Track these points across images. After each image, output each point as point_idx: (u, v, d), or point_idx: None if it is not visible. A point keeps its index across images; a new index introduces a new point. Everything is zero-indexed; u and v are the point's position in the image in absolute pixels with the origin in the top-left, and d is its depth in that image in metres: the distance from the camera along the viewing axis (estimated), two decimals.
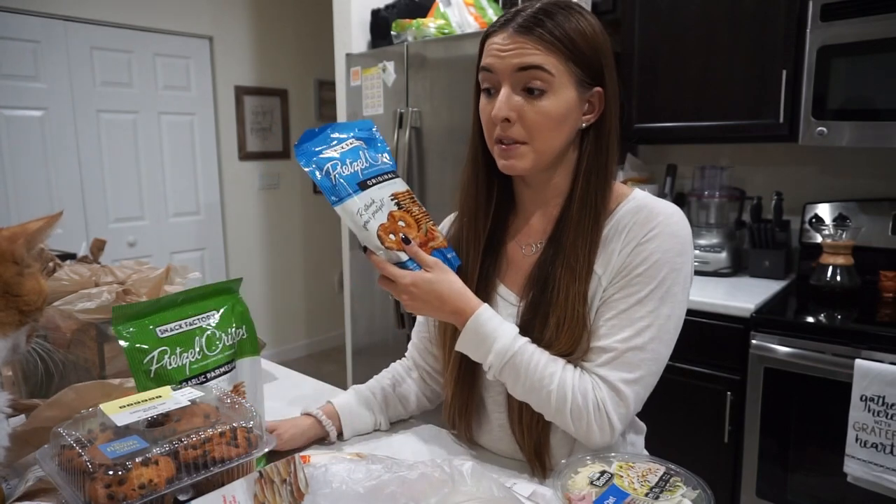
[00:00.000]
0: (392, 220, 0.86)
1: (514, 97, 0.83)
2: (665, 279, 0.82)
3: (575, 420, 0.81)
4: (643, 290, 0.82)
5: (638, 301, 0.82)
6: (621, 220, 0.86)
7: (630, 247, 0.84)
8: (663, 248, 0.82)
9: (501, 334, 0.84)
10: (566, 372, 0.83)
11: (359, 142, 0.90)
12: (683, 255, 0.84)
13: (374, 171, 0.88)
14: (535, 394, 0.83)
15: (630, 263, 0.83)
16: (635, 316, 0.82)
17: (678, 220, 0.85)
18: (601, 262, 0.86)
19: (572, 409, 0.81)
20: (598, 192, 0.87)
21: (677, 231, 0.84)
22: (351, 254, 2.77)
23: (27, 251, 0.72)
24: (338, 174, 0.84)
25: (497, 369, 0.85)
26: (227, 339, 0.82)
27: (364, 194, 0.85)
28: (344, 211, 0.85)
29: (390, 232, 0.85)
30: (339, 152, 0.87)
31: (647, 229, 0.83)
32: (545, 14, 0.82)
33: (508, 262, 0.96)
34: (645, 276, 0.82)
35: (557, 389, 0.81)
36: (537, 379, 0.82)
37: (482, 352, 0.85)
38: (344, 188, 0.84)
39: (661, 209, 0.85)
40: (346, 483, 0.62)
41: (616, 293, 0.84)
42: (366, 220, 0.84)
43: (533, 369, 0.82)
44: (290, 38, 3.90)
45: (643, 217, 0.85)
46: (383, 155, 0.91)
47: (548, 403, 0.82)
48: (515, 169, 0.87)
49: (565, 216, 0.89)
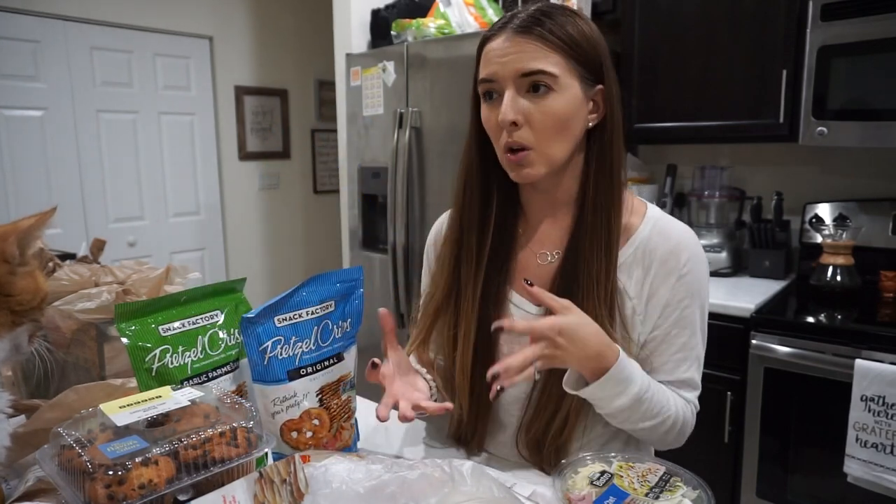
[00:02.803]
0: (306, 417, 0.79)
1: (519, 100, 0.82)
2: (704, 301, 0.90)
3: (678, 437, 0.90)
4: (693, 319, 0.89)
5: (692, 332, 0.89)
6: (650, 243, 0.88)
7: (672, 279, 0.87)
8: (699, 277, 0.89)
9: (636, 375, 0.82)
10: (675, 399, 0.88)
11: (327, 306, 0.82)
12: (707, 273, 0.91)
13: (315, 356, 0.80)
14: (653, 423, 0.85)
15: (675, 297, 0.87)
16: (693, 344, 0.89)
17: (698, 243, 0.91)
18: (634, 286, 0.88)
19: (680, 428, 0.89)
20: (608, 194, 0.86)
21: (702, 255, 0.90)
22: (351, 254, 2.77)
23: (20, 249, 0.71)
24: (273, 356, 0.76)
25: (624, 409, 0.81)
26: (229, 338, 0.82)
27: (289, 385, 0.78)
28: (260, 391, 0.78)
29: (294, 430, 0.79)
30: (292, 325, 0.78)
31: (684, 260, 0.87)
32: (543, 14, 0.82)
33: (521, 271, 0.94)
34: (691, 306, 0.88)
35: (674, 416, 0.87)
36: (658, 410, 0.84)
37: (613, 393, 0.80)
38: (272, 373, 0.77)
39: (686, 236, 0.90)
40: (346, 483, 0.62)
41: (673, 329, 0.88)
42: (276, 411, 0.78)
43: (657, 402, 0.84)
44: (290, 38, 3.90)
45: (674, 246, 0.88)
46: (346, 322, 0.84)
47: (662, 428, 0.86)
48: (528, 177, 0.85)
49: (580, 223, 0.88)
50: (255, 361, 0.77)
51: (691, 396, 0.91)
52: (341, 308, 0.83)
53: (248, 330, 0.76)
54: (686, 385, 0.90)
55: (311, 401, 0.80)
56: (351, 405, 0.86)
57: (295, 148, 4.02)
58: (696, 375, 0.91)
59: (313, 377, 0.80)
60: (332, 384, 0.82)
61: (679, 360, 0.89)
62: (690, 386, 0.91)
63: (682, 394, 0.90)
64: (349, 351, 0.85)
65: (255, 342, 0.76)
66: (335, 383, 0.83)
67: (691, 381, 0.90)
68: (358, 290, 0.86)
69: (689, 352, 0.89)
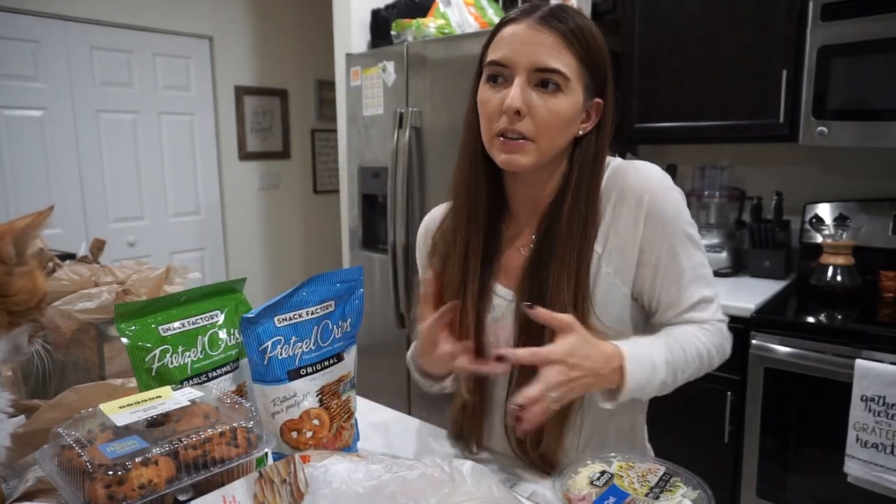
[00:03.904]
0: (306, 417, 0.79)
1: (528, 90, 0.82)
2: (684, 228, 0.88)
3: (721, 358, 0.92)
4: (676, 246, 0.87)
5: (680, 257, 0.87)
6: (606, 192, 0.88)
7: (640, 222, 0.86)
8: (662, 206, 0.86)
9: (646, 347, 0.84)
10: (695, 333, 0.88)
11: (327, 306, 0.82)
12: (672, 194, 0.88)
13: (315, 356, 0.80)
14: (691, 371, 0.88)
15: (650, 238, 0.87)
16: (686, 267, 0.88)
17: (653, 172, 0.88)
18: (598, 240, 0.88)
19: (719, 352, 0.91)
20: (588, 197, 0.87)
21: (659, 181, 0.88)
22: (351, 254, 2.77)
23: (17, 249, 0.70)
24: (273, 356, 0.76)
25: (667, 382, 0.84)
26: (229, 338, 0.82)
27: (289, 385, 0.78)
28: (260, 392, 0.78)
29: (294, 430, 0.79)
30: (292, 325, 0.78)
31: (642, 197, 0.86)
32: (564, 12, 0.83)
33: (505, 263, 0.95)
34: (669, 235, 0.87)
35: (707, 348, 0.88)
36: (688, 361, 0.86)
37: (646, 378, 0.81)
38: (272, 373, 0.77)
39: (638, 171, 0.88)
40: (346, 483, 0.62)
41: (659, 266, 0.87)
42: (276, 411, 0.78)
43: (686, 352, 0.86)
44: (290, 38, 3.90)
45: (629, 186, 0.87)
46: (346, 322, 0.84)
47: (699, 370, 0.89)
48: (517, 164, 0.85)
49: (554, 214, 0.89)
50: (255, 361, 0.77)
51: (709, 315, 0.90)
52: (341, 308, 0.83)
53: (248, 330, 0.76)
54: (699, 307, 0.89)
55: (311, 401, 0.80)
56: (351, 405, 0.86)
57: (295, 148, 4.02)
58: (707, 291, 0.90)
59: (313, 377, 0.80)
60: (332, 384, 0.82)
61: (682, 288, 0.88)
62: (704, 304, 0.90)
63: (699, 317, 0.89)
64: (349, 351, 0.85)
65: (255, 342, 0.76)
66: (335, 383, 0.83)
67: (703, 299, 0.89)
68: (358, 290, 0.86)
69: (689, 275, 0.88)
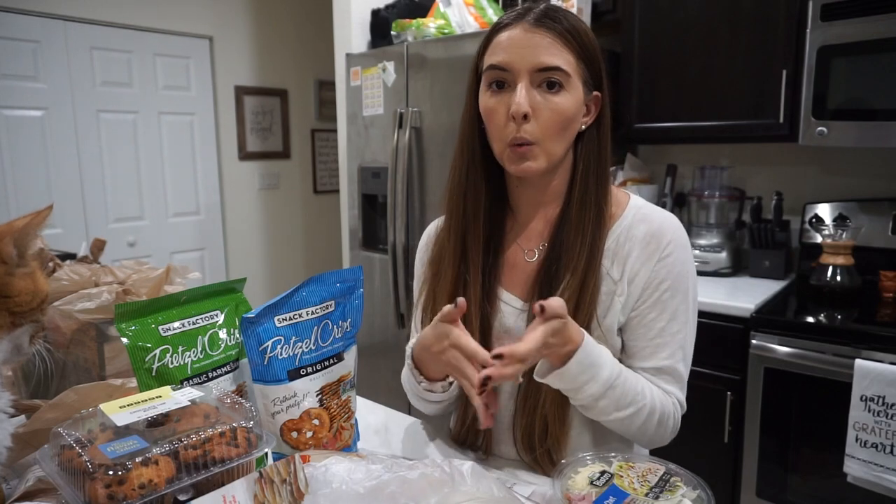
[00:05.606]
0: (306, 417, 0.79)
1: (532, 92, 0.83)
2: (688, 289, 0.88)
3: (659, 430, 0.87)
4: (673, 304, 0.87)
5: (672, 317, 0.87)
6: (632, 228, 0.88)
7: (653, 261, 0.87)
8: (681, 260, 0.88)
9: (604, 359, 0.81)
10: (651, 388, 0.86)
11: (327, 306, 0.82)
12: (692, 261, 0.91)
13: (315, 356, 0.80)
14: (627, 412, 0.83)
15: (655, 279, 0.87)
16: (673, 331, 0.87)
17: (682, 229, 0.90)
18: (616, 268, 0.88)
19: (659, 420, 0.86)
20: (597, 192, 0.88)
21: (686, 241, 0.90)
22: (351, 254, 2.77)
23: (18, 250, 0.70)
24: (273, 356, 0.76)
25: (597, 397, 0.80)
26: (229, 338, 0.82)
27: (289, 385, 0.77)
28: (260, 392, 0.78)
29: (294, 430, 0.79)
30: (292, 325, 0.78)
31: (665, 243, 0.87)
32: (557, 13, 0.84)
33: (510, 267, 0.95)
34: (672, 290, 0.87)
35: (650, 406, 0.85)
36: (631, 399, 0.83)
37: (583, 380, 0.79)
38: (272, 373, 0.77)
39: (668, 220, 0.89)
40: (346, 483, 0.62)
41: (651, 312, 0.87)
42: (276, 411, 0.78)
43: (630, 390, 0.83)
44: (290, 38, 3.90)
45: (657, 229, 0.88)
46: (346, 322, 0.84)
47: (638, 419, 0.84)
48: (530, 170, 0.85)
49: (565, 218, 0.89)
50: (255, 361, 0.77)
51: (673, 389, 0.88)
52: (341, 308, 0.83)
53: (248, 330, 0.76)
54: (665, 374, 0.87)
55: (311, 401, 0.80)
56: (351, 405, 0.86)
57: (295, 148, 4.02)
58: (679, 367, 0.88)
59: (313, 377, 0.80)
60: (332, 384, 0.82)
61: (657, 346, 0.87)
62: (670, 376, 0.88)
63: (661, 384, 0.87)
64: (349, 351, 0.85)
65: (256, 342, 0.76)
66: (335, 383, 0.83)
67: (671, 370, 0.87)
68: (358, 290, 0.86)
69: (669, 338, 0.87)
